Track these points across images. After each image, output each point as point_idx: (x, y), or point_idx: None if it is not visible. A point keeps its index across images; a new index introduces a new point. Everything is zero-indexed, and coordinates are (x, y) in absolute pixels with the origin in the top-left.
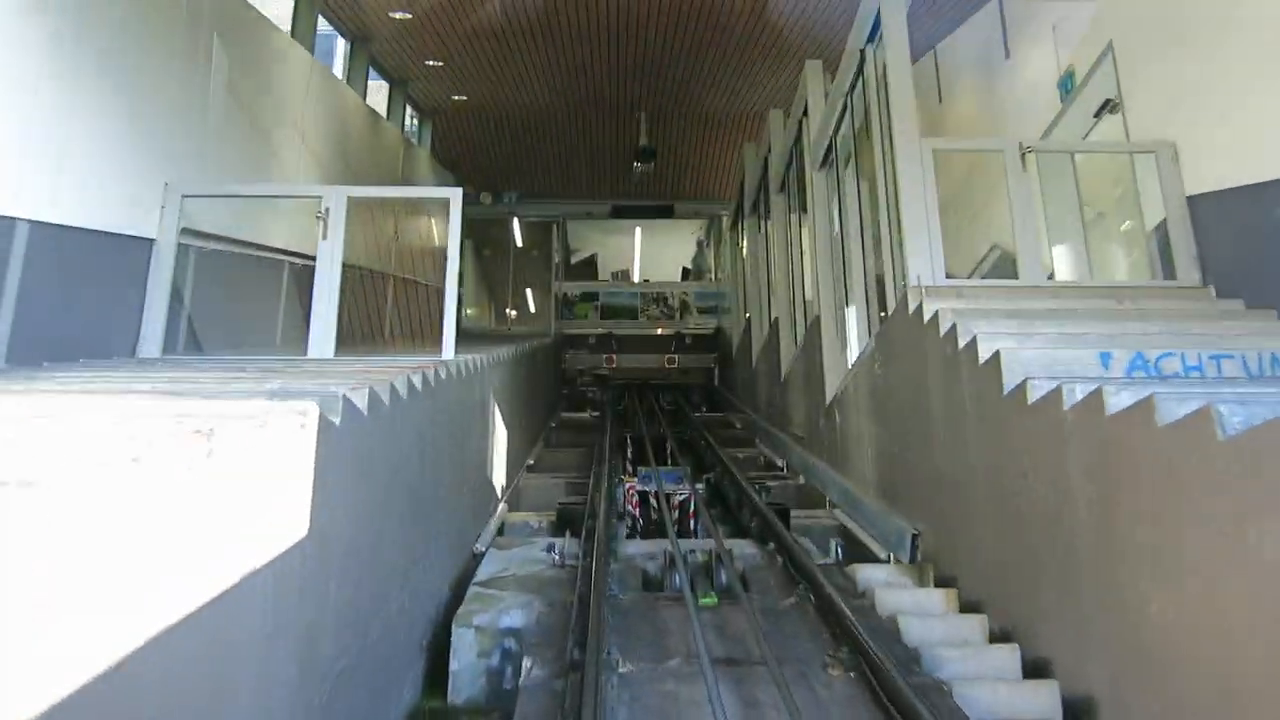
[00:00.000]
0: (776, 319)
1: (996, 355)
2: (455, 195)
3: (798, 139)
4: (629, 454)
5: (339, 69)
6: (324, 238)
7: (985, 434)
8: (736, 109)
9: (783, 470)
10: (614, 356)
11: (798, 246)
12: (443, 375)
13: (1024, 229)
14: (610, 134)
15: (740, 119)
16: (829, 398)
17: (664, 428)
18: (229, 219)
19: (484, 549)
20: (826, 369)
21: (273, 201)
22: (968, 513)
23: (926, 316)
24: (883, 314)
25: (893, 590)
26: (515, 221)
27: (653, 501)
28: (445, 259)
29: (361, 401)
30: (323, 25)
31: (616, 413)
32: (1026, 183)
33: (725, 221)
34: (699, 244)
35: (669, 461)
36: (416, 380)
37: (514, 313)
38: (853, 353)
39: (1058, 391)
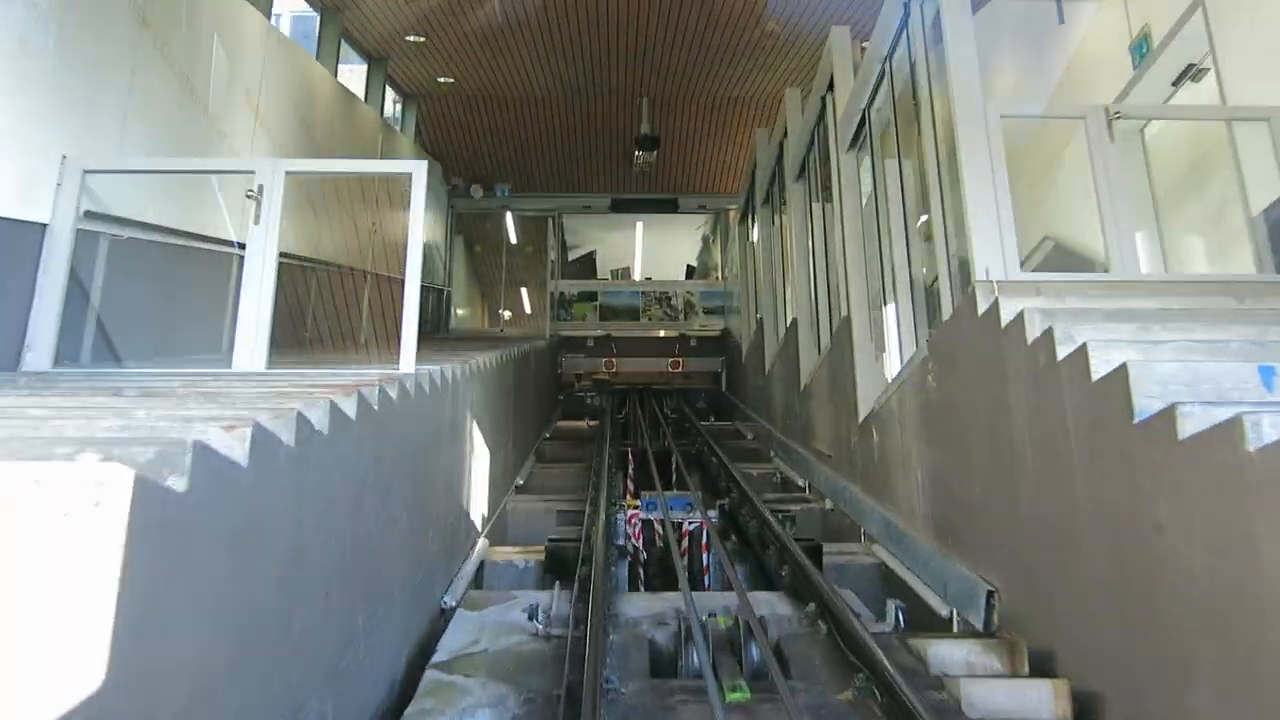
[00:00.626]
0: (794, 321)
1: (1123, 371)
2: (419, 170)
3: (820, 118)
4: (630, 470)
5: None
6: (256, 222)
7: (1099, 471)
8: (746, 93)
9: (804, 491)
10: (614, 360)
11: (820, 239)
12: (394, 395)
13: (1114, 212)
14: (609, 121)
15: (750, 104)
16: (863, 412)
17: (669, 440)
18: (161, 204)
19: (454, 603)
20: (859, 379)
21: (217, 184)
22: (1071, 571)
23: (1005, 319)
24: (936, 316)
25: (982, 683)
26: (508, 216)
27: (658, 528)
28: (432, 253)
29: (238, 448)
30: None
31: (616, 422)
32: (1115, 156)
33: (733, 215)
34: (704, 240)
35: (674, 479)
36: (349, 406)
37: (508, 314)
38: (893, 360)
39: (1234, 426)
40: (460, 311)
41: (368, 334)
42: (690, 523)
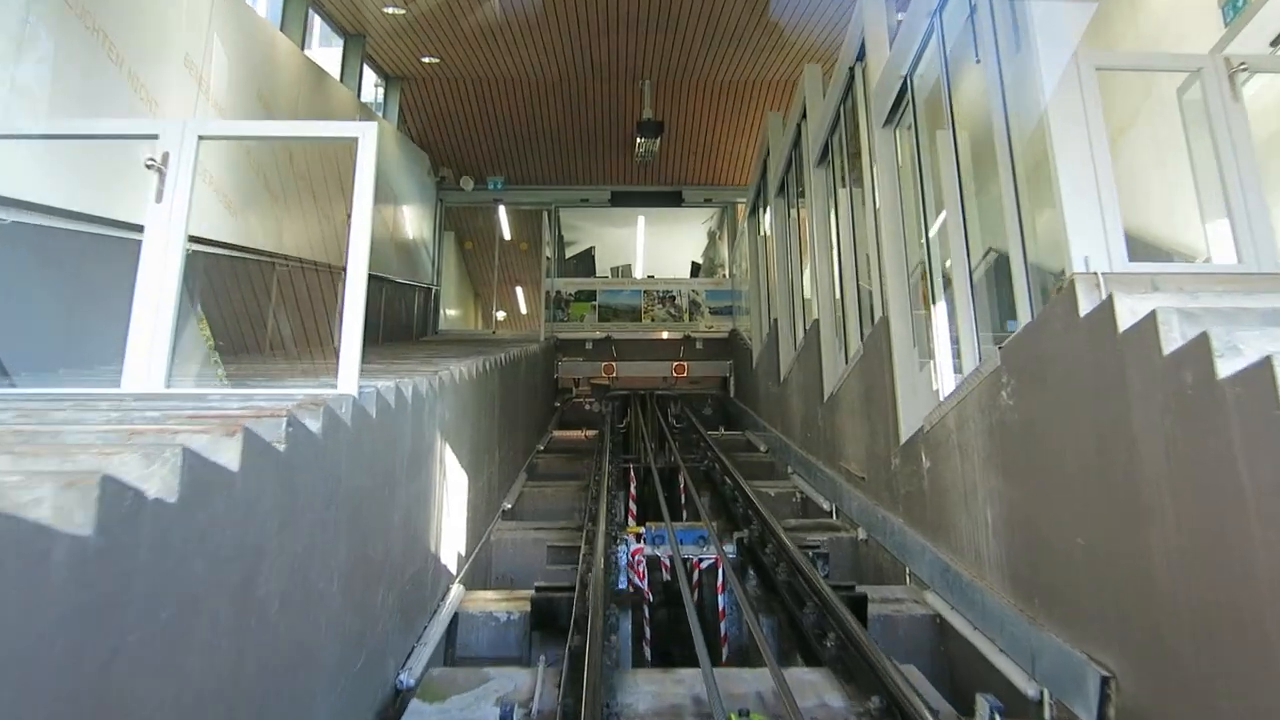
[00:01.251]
0: (815, 322)
1: None
2: (366, 134)
3: (848, 92)
4: (632, 489)
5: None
6: (158, 200)
7: None
8: (757, 75)
9: (831, 516)
10: (614, 364)
11: (847, 230)
12: (315, 428)
13: (1240, 188)
14: (609, 107)
15: (761, 87)
16: (906, 431)
17: (674, 454)
18: (68, 184)
19: (412, 681)
20: (899, 391)
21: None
22: (1244, 669)
23: (1123, 322)
24: (1003, 317)
25: None
26: (501, 210)
27: (665, 562)
28: (418, 249)
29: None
30: None
31: (617, 431)
32: (1242, 119)
33: (742, 209)
34: (711, 235)
35: (683, 500)
36: (227, 452)
37: (502, 314)
38: (943, 371)
39: None
40: (450, 312)
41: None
42: (704, 557)
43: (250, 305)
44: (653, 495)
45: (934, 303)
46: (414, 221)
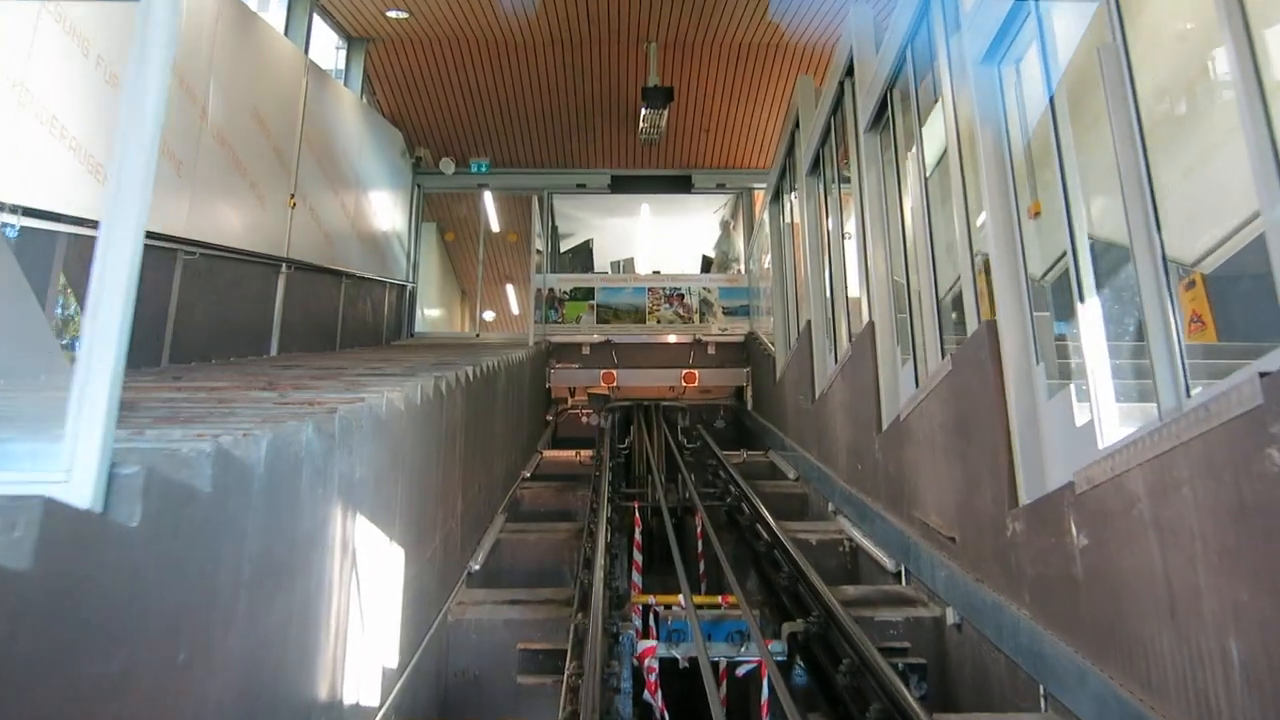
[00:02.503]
0: (869, 327)
1: None
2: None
3: (923, 13)
4: (637, 534)
5: None
6: None
7: None
8: (781, 37)
9: (898, 580)
10: (614, 372)
11: (920, 207)
12: None
13: None
14: (609, 76)
15: (786, 52)
16: (1034, 486)
17: (689, 487)
18: None
19: None
20: (1016, 428)
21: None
22: None
23: None
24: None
25: None
26: (487, 196)
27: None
28: (389, 241)
29: None
30: None
31: (618, 454)
32: None
33: (761, 196)
34: (724, 226)
35: (701, 552)
36: None
37: (491, 315)
38: (1103, 403)
39: None
40: (431, 313)
41: (282, 340)
42: (741, 662)
43: (151, 306)
44: (662, 545)
45: (1082, 300)
46: (384, 209)
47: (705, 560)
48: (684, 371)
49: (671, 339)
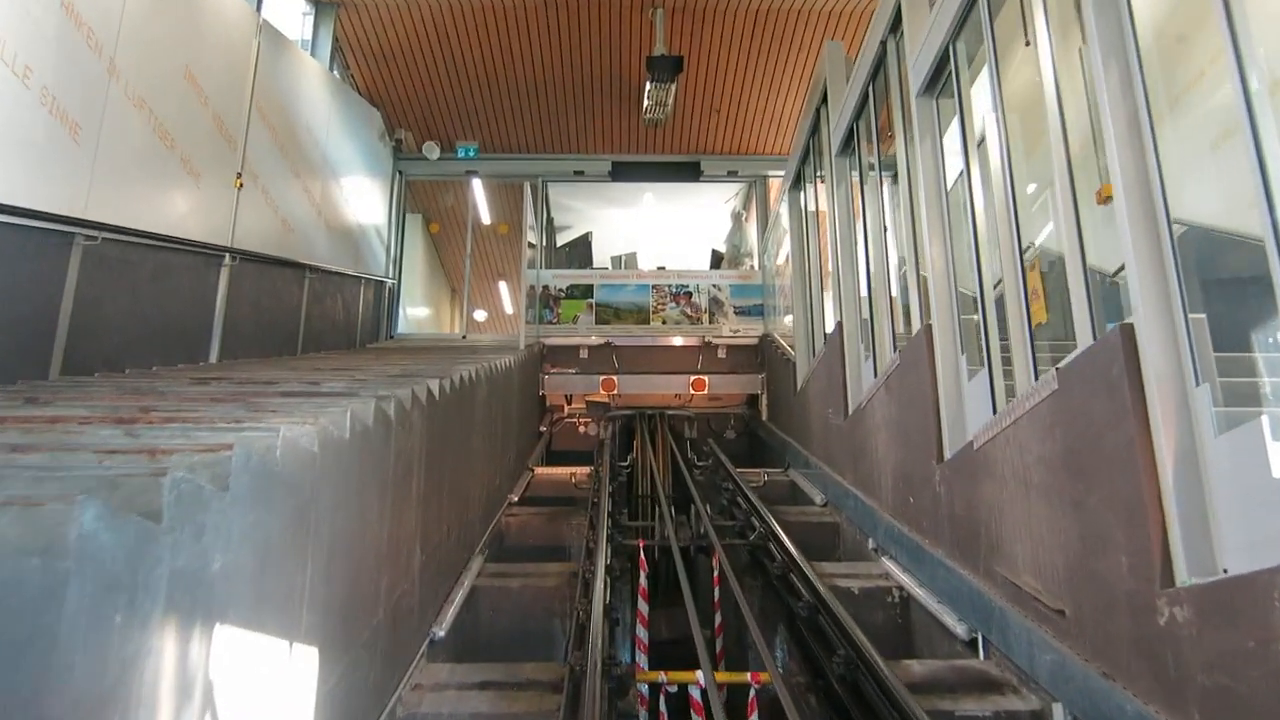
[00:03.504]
0: (926, 330)
1: None
2: None
3: None
4: (642, 581)
5: None
6: None
7: None
8: (803, 3)
9: (975, 653)
10: (615, 378)
11: (1002, 184)
12: None
13: None
14: (610, 49)
15: (811, 18)
16: (1194, 565)
17: (703, 519)
18: None
19: None
20: (1172, 476)
21: None
22: None
23: None
24: None
25: None
26: (476, 185)
27: None
28: (365, 233)
29: None
30: None
31: (618, 472)
32: None
33: (777, 184)
34: (735, 217)
35: (718, 618)
36: None
37: (483, 315)
38: None
39: None
40: (417, 312)
41: (226, 344)
42: None
43: (38, 306)
44: (670, 586)
45: None
46: (359, 196)
47: (723, 610)
48: (692, 378)
49: (678, 341)
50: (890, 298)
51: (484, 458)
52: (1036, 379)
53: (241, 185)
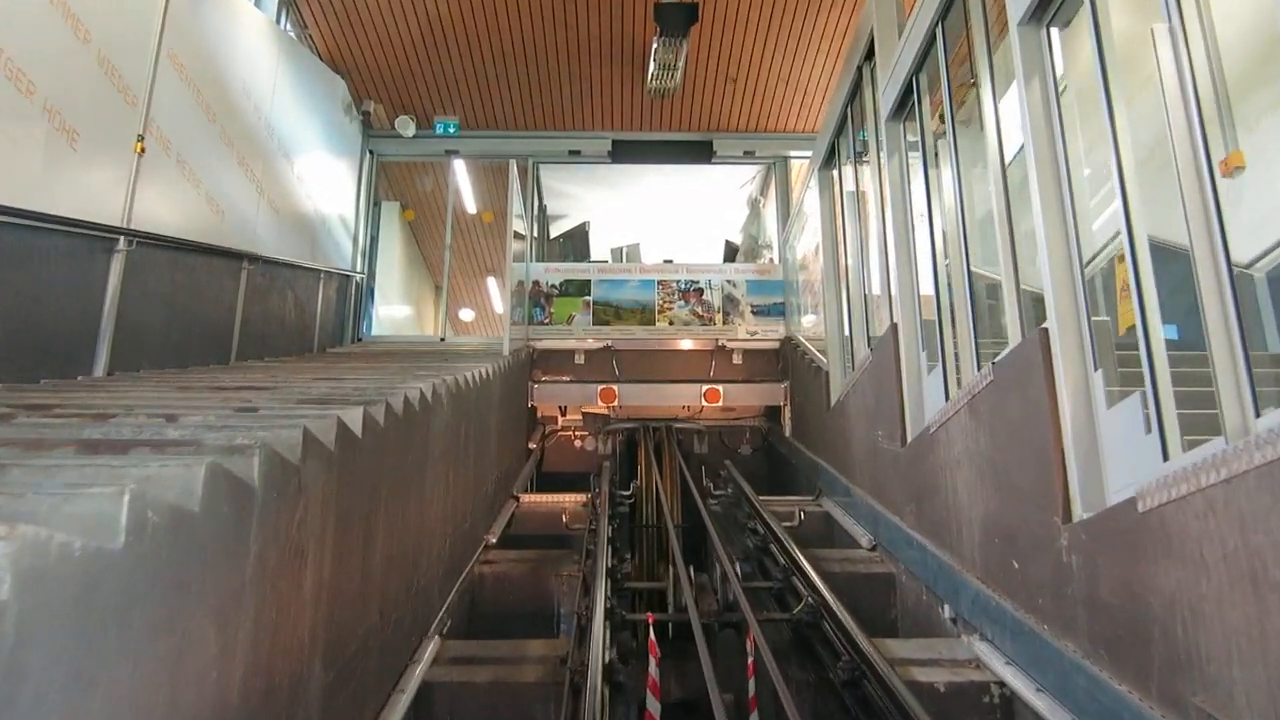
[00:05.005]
0: (1041, 336)
1: None
2: None
3: None
4: (651, 670)
5: None
6: None
7: None
8: None
9: None
10: (615, 387)
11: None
12: None
13: None
14: (611, 8)
15: None
16: None
17: (730, 579)
18: None
19: None
20: None
21: None
22: None
23: None
24: None
25: None
26: (458, 166)
27: None
28: (328, 220)
29: None
30: None
31: (618, 501)
32: None
33: (800, 167)
34: (752, 204)
35: None
36: None
37: (470, 314)
38: None
39: None
40: (394, 311)
41: (119, 350)
42: None
43: None
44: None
45: None
46: (318, 177)
47: (761, 712)
48: (705, 387)
49: (687, 345)
50: (970, 293)
51: (446, 498)
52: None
53: (144, 151)
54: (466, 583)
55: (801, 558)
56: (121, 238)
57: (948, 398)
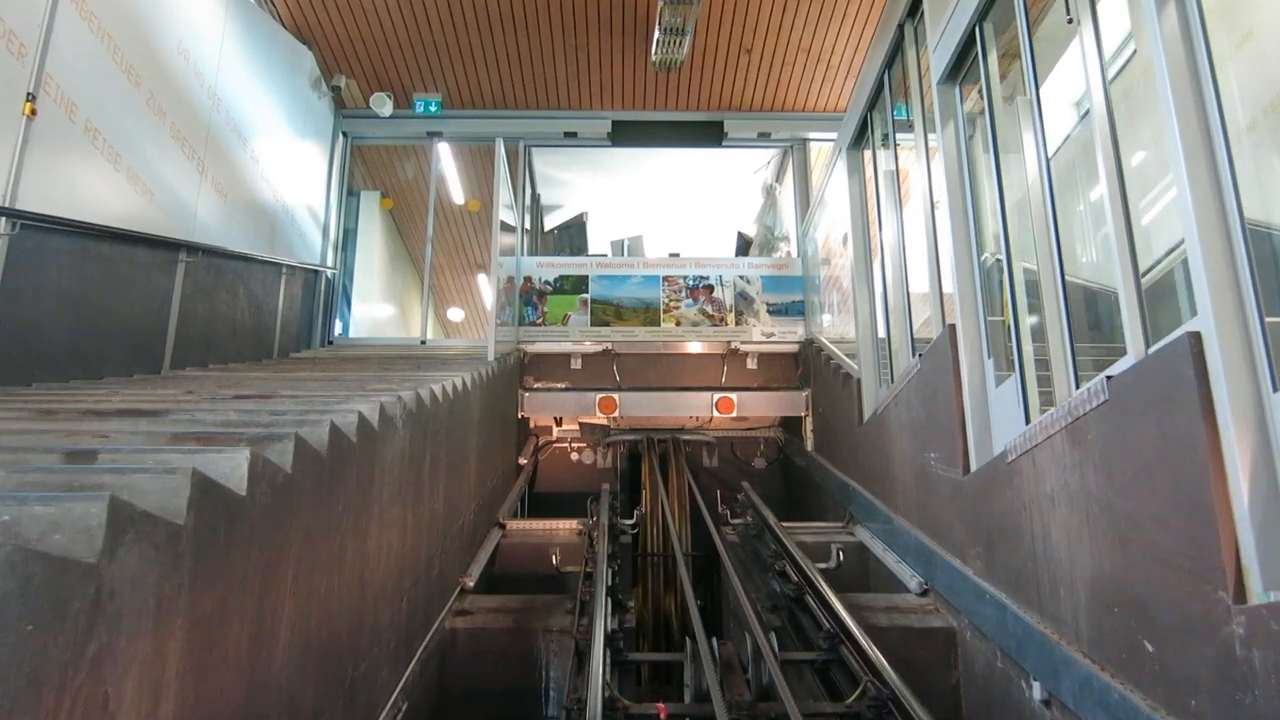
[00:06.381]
0: (1196, 341)
1: None
2: None
3: None
4: None
5: None
6: None
7: None
8: None
9: None
10: (615, 396)
11: None
12: None
13: None
14: None
15: None
16: None
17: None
18: None
19: None
20: None
21: None
22: None
23: None
24: None
25: None
26: (442, 150)
27: None
28: (292, 210)
29: None
30: None
31: (622, 533)
32: None
33: (821, 150)
34: (768, 192)
35: None
36: None
37: (459, 314)
38: None
39: None
40: (374, 311)
41: (6, 362)
42: None
43: None
44: None
45: None
46: (279, 159)
47: None
48: (717, 396)
49: (696, 348)
50: (1063, 288)
51: (402, 545)
52: None
53: (34, 113)
54: (433, 644)
55: (851, 621)
56: (3, 218)
57: (1028, 419)
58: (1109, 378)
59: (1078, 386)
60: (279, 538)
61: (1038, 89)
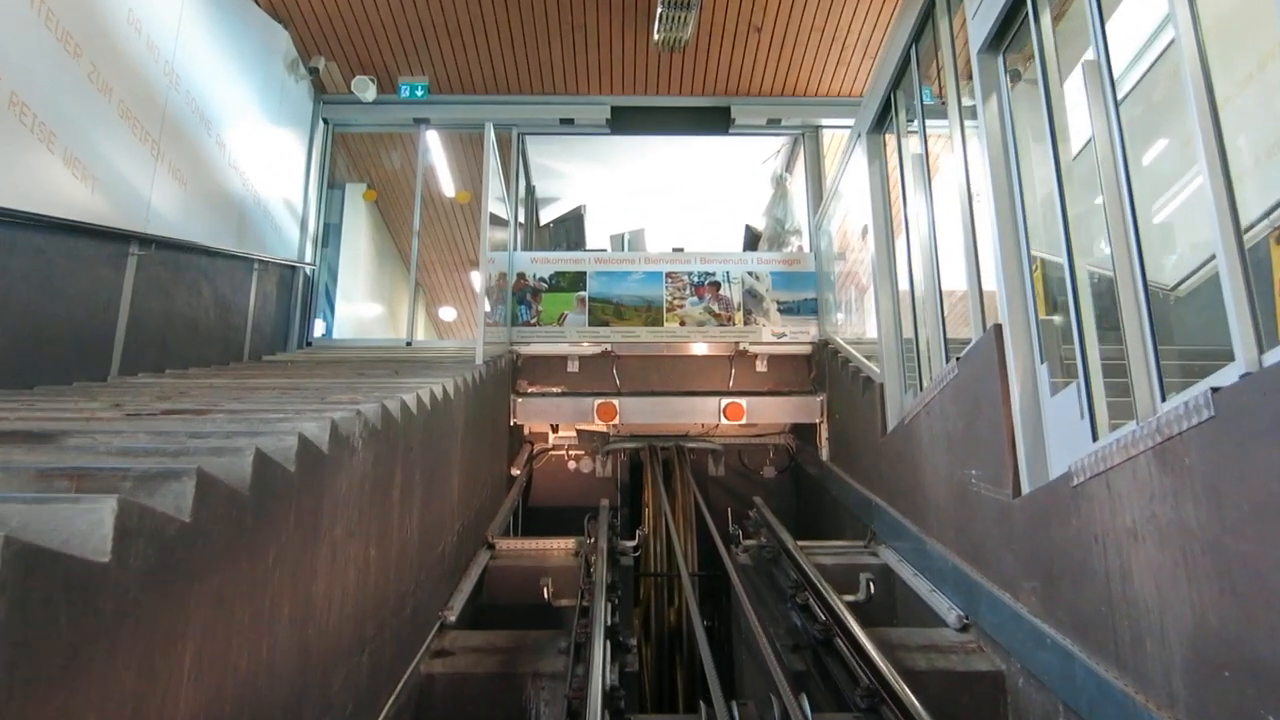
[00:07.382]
0: None
1: None
2: None
3: None
4: None
5: None
6: None
7: None
8: None
9: None
10: (615, 402)
11: None
12: None
13: None
14: None
15: None
16: None
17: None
18: None
19: None
20: None
21: None
22: None
23: None
24: None
25: None
26: (430, 138)
27: None
28: (265, 201)
29: None
30: None
31: (623, 554)
32: None
33: (835, 139)
34: (777, 183)
35: None
36: None
37: (452, 313)
38: None
39: None
40: (360, 309)
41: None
42: None
43: None
44: None
45: None
46: (252, 146)
47: None
48: (724, 402)
49: (701, 349)
50: (1144, 285)
51: (363, 587)
52: None
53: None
54: (406, 693)
55: (890, 672)
56: None
57: (1095, 435)
58: (1214, 390)
59: (1164, 399)
60: (167, 611)
61: (1106, 47)
